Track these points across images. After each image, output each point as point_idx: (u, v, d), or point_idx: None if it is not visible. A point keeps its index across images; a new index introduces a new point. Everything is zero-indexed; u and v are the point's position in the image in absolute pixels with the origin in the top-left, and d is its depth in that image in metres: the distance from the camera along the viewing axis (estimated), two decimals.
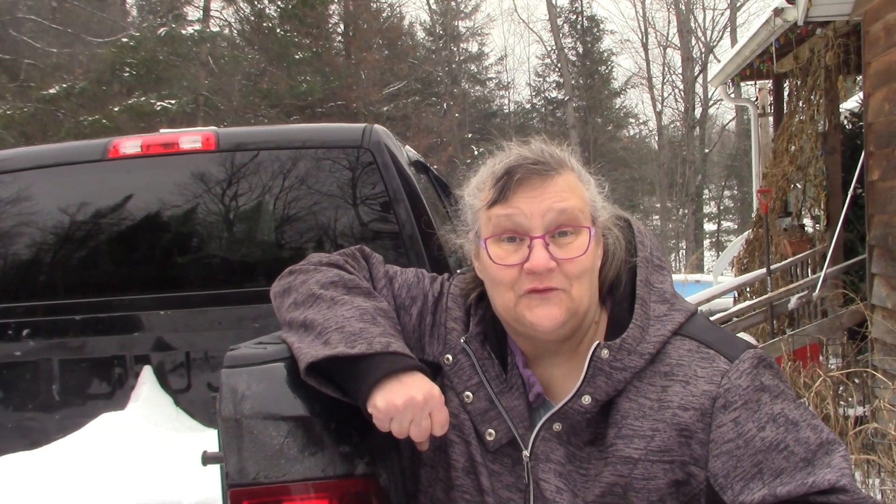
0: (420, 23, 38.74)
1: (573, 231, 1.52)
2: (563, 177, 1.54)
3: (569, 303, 1.51)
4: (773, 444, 1.44)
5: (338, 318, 1.57)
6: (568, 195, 1.52)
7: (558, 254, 1.50)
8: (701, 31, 37.09)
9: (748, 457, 1.44)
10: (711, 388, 1.48)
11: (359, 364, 1.50)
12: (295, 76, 25.17)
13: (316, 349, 1.52)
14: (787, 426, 1.45)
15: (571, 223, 1.51)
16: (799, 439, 1.45)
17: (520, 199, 1.51)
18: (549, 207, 1.50)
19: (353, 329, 1.54)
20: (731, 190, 40.21)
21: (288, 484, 1.46)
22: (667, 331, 1.54)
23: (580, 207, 1.53)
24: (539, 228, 1.50)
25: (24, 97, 20.32)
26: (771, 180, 9.92)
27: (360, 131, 3.33)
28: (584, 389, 1.51)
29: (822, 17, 7.41)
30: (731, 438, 1.45)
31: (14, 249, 3.38)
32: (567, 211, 1.51)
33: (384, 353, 1.50)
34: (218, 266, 3.42)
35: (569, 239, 1.51)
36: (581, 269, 1.51)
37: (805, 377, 5.70)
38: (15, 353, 3.26)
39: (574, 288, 1.51)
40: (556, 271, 1.50)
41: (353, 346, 1.50)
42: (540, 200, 1.51)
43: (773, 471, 1.43)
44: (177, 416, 3.13)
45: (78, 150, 3.51)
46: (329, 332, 1.54)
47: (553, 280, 1.50)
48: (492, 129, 36.70)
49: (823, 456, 1.44)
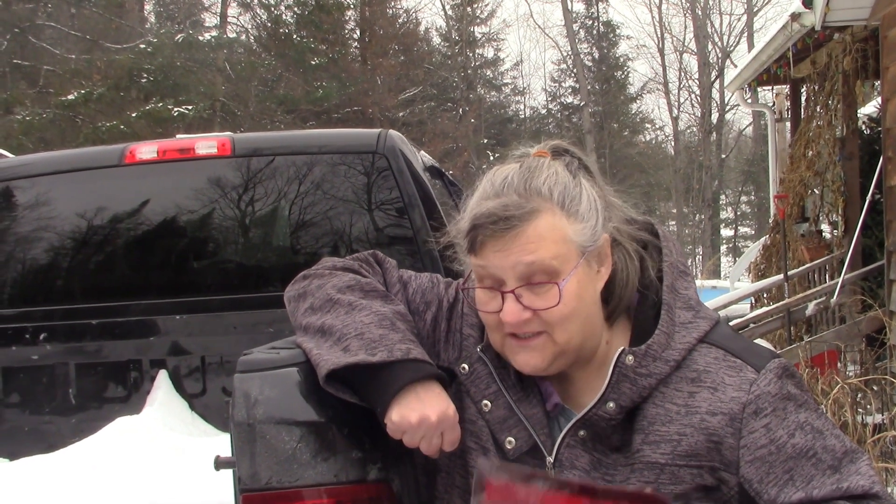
0: (436, 28, 38.85)
1: (548, 279, 1.48)
2: (534, 224, 1.46)
3: (552, 347, 1.49)
4: (802, 451, 1.45)
5: (357, 323, 1.56)
6: (537, 246, 1.45)
7: (534, 303, 1.47)
8: (717, 36, 37.01)
9: (780, 463, 1.44)
10: (741, 395, 1.48)
11: (379, 372, 1.49)
12: (311, 82, 25.27)
13: (336, 356, 1.51)
14: (813, 434, 1.46)
15: (543, 273, 1.46)
16: (826, 447, 1.46)
17: (488, 254, 1.48)
18: (517, 261, 1.46)
19: (372, 336, 1.53)
20: (748, 195, 40.06)
21: (300, 489, 1.46)
22: (692, 338, 1.53)
23: (553, 255, 1.46)
24: (511, 281, 1.47)
25: (43, 103, 20.51)
26: (788, 186, 9.86)
27: (375, 137, 3.34)
28: (608, 395, 1.49)
29: (840, 21, 7.37)
30: (764, 444, 1.45)
31: (32, 254, 3.41)
32: (536, 263, 1.45)
33: (404, 361, 1.49)
34: (233, 271, 3.43)
35: (545, 287, 1.47)
36: (559, 317, 1.47)
37: (823, 384, 5.64)
38: (32, 357, 3.28)
39: (556, 333, 1.48)
40: (532, 319, 1.48)
41: (374, 354, 1.49)
42: (507, 255, 1.46)
43: (804, 477, 1.44)
44: (192, 421, 3.14)
45: (95, 156, 3.54)
46: (349, 338, 1.53)
47: (531, 326, 1.48)
48: (507, 135, 36.74)
49: (849, 464, 1.45)
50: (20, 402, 3.31)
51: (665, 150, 40.75)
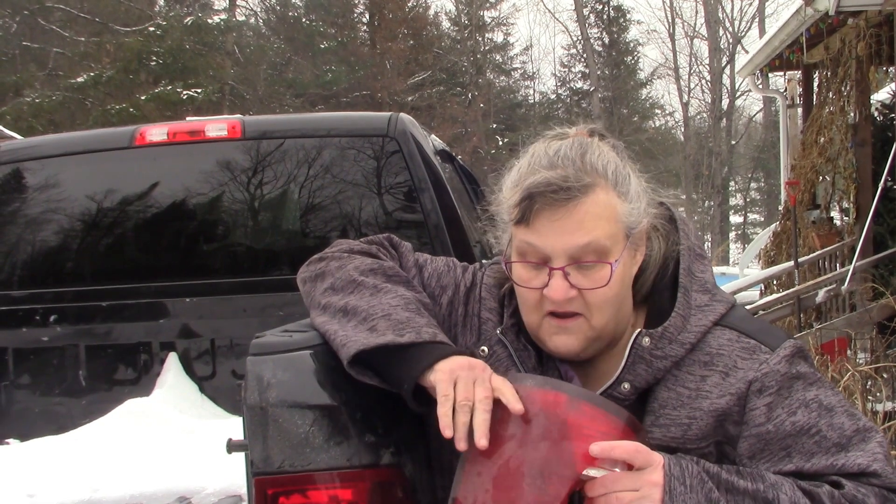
0: (445, 12, 38.69)
1: (598, 259, 1.46)
2: (591, 199, 1.45)
3: (588, 331, 1.48)
4: (803, 429, 1.43)
5: (383, 305, 1.54)
6: (594, 224, 1.44)
7: (580, 282, 1.46)
8: (729, 22, 36.74)
9: (777, 440, 1.44)
10: (749, 374, 1.47)
11: (406, 352, 1.47)
12: (320, 65, 25.26)
13: (363, 336, 1.48)
14: (819, 411, 1.44)
15: (595, 255, 1.45)
16: (833, 424, 1.43)
17: (541, 226, 1.45)
18: (572, 241, 1.44)
19: (400, 318, 1.51)
20: (758, 182, 39.88)
21: (313, 473, 1.45)
22: (708, 321, 1.52)
23: (608, 234, 1.46)
24: (560, 259, 1.45)
25: (53, 86, 20.56)
26: (799, 172, 9.81)
27: (385, 120, 3.32)
28: (623, 377, 1.50)
29: (854, 6, 7.31)
30: (762, 423, 1.44)
31: (42, 236, 3.41)
32: (591, 244, 1.44)
33: (433, 342, 1.48)
34: (243, 254, 3.43)
35: (595, 268, 1.46)
36: (603, 299, 1.47)
37: (833, 372, 5.63)
38: (42, 339, 3.29)
39: (595, 316, 1.48)
40: (576, 298, 1.47)
41: (402, 335, 1.47)
42: (561, 232, 1.44)
43: (803, 454, 1.43)
44: (202, 403, 3.14)
45: (105, 138, 3.53)
46: (375, 318, 1.51)
47: (573, 305, 1.47)
48: (517, 120, 36.64)
49: (859, 443, 1.43)
50: (31, 383, 3.32)
51: (675, 135, 40.55)
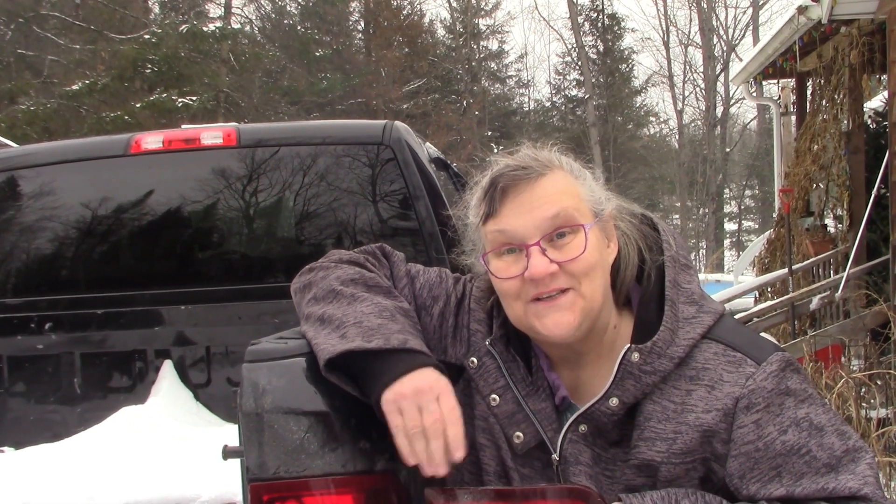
0: (440, 20, 38.76)
1: (571, 230, 1.49)
2: (551, 177, 1.51)
3: (581, 302, 1.49)
4: (793, 448, 1.42)
5: (356, 313, 1.56)
6: (558, 196, 1.50)
7: (558, 256, 1.48)
8: (723, 30, 36.91)
9: (767, 460, 1.42)
10: (735, 390, 1.46)
11: (375, 361, 1.48)
12: (315, 73, 25.28)
13: (333, 343, 1.50)
14: (810, 431, 1.43)
15: (567, 223, 1.49)
16: (823, 445, 1.42)
17: (509, 210, 1.50)
18: (540, 213, 1.48)
19: (371, 324, 1.53)
20: (752, 189, 39.97)
21: (308, 479, 1.45)
22: (696, 334, 1.51)
23: (574, 205, 1.50)
24: (533, 235, 1.48)
25: (48, 93, 20.53)
26: (793, 180, 9.84)
27: (380, 128, 3.33)
28: (612, 392, 1.49)
29: (847, 15, 7.35)
30: (751, 440, 1.43)
31: (37, 244, 3.41)
32: (560, 213, 1.48)
33: (401, 350, 1.48)
34: (238, 261, 3.43)
35: (567, 239, 1.49)
36: (586, 265, 1.49)
37: (827, 378, 5.64)
38: (37, 347, 3.28)
39: (584, 285, 1.49)
40: (558, 274, 1.48)
41: (370, 341, 1.49)
42: (529, 209, 1.49)
43: (792, 474, 1.41)
44: (197, 411, 3.14)
45: (100, 146, 3.53)
46: (347, 326, 1.53)
47: (558, 282, 1.48)
48: (511, 128, 36.69)
49: (849, 463, 1.42)
50: (25, 391, 3.32)
51: (669, 143, 40.66)
